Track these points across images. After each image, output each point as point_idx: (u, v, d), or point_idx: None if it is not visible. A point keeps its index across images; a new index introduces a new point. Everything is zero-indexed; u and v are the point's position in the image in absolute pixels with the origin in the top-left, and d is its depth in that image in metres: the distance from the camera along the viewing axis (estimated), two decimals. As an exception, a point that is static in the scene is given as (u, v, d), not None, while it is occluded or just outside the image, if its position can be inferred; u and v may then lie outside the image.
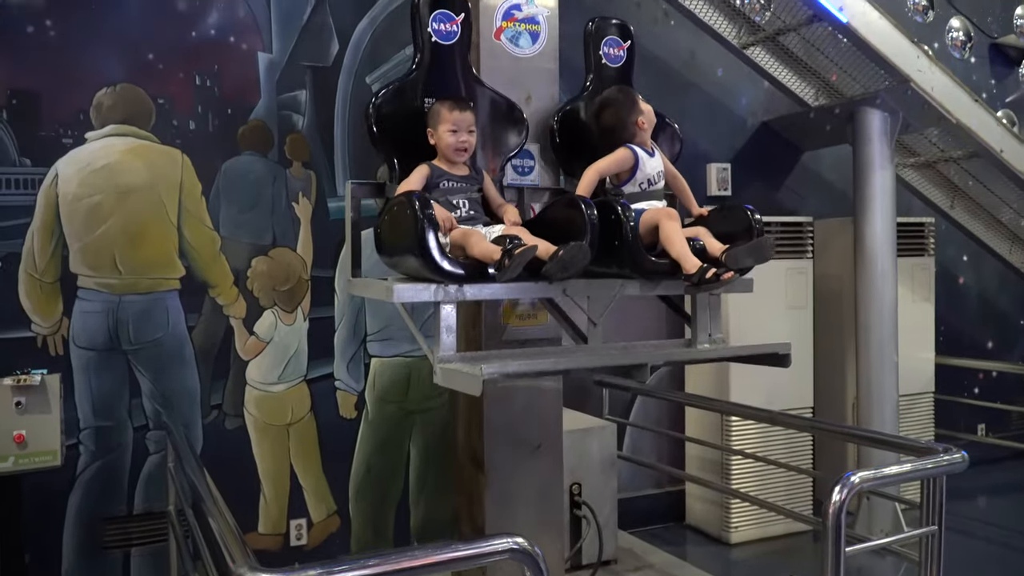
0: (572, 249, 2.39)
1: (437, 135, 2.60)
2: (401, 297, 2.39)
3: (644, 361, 2.60)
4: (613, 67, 3.09)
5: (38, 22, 3.47)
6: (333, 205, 4.07)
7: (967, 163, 5.28)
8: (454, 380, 2.41)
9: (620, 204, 2.56)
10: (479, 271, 2.39)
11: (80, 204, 3.54)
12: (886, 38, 4.32)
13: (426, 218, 2.28)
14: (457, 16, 2.73)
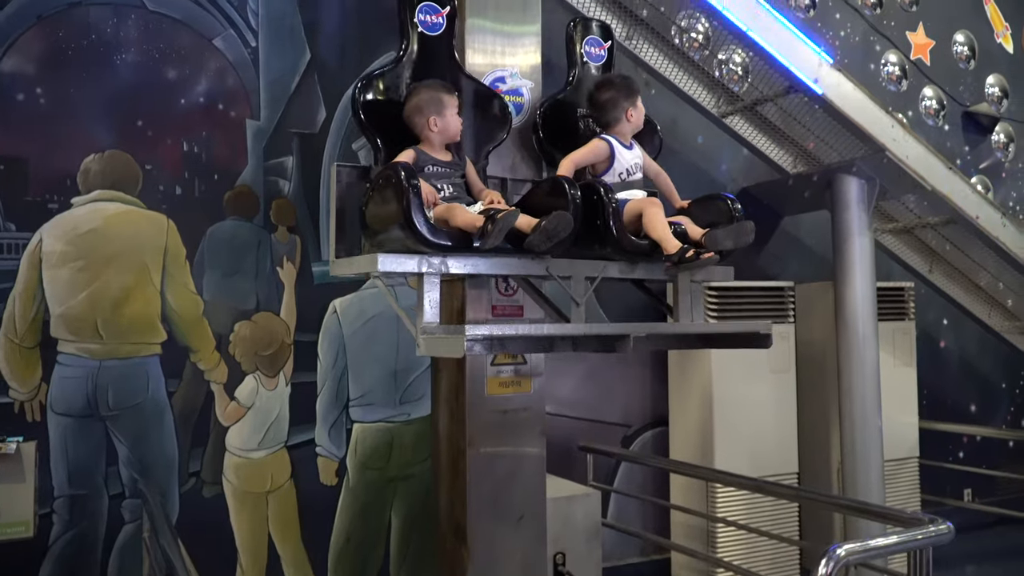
0: (556, 218, 2.42)
1: (443, 120, 2.62)
2: (384, 267, 2.40)
3: (626, 333, 2.58)
4: (595, 65, 3.17)
5: (29, 90, 3.52)
6: (318, 269, 4.08)
7: (944, 229, 5.37)
8: (437, 347, 2.42)
9: (603, 185, 2.62)
10: (463, 243, 2.42)
11: (63, 269, 3.53)
12: (861, 108, 4.43)
13: (411, 187, 2.31)
14: (443, 9, 2.83)
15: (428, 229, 2.36)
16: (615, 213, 2.57)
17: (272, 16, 4.02)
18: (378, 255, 2.39)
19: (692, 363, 4.78)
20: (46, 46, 3.55)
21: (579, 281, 2.74)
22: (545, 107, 3.03)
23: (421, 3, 2.80)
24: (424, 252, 2.40)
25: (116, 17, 3.68)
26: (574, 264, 2.69)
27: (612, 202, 2.57)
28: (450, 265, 2.47)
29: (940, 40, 6.53)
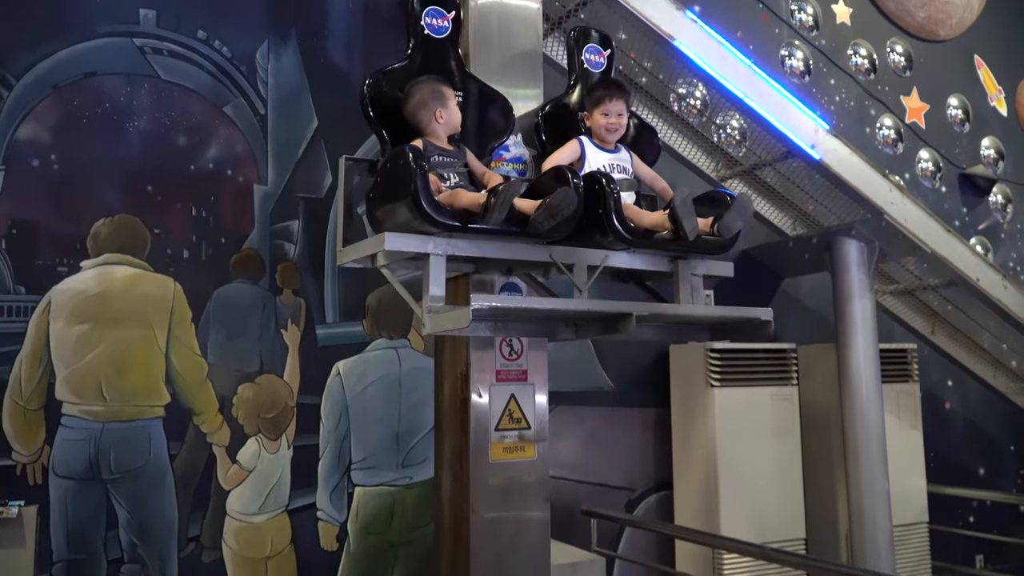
0: (559, 194, 2.46)
1: (448, 111, 2.72)
2: (391, 245, 2.44)
3: (629, 311, 2.60)
4: (595, 71, 3.25)
5: (43, 156, 3.60)
6: (322, 332, 4.10)
7: (945, 291, 5.39)
8: (442, 322, 2.45)
9: (604, 175, 2.67)
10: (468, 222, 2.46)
11: (70, 331, 3.56)
12: (858, 172, 4.51)
13: (419, 167, 2.37)
14: (448, 13, 2.95)
15: (434, 208, 2.40)
16: (616, 201, 2.62)
17: (281, 85, 4.12)
18: (385, 234, 2.45)
19: (695, 425, 4.76)
20: (61, 114, 3.65)
21: (581, 270, 2.78)
22: (546, 110, 3.11)
23: (427, 7, 2.92)
24: (430, 232, 2.45)
25: (130, 86, 3.78)
26: (577, 252, 2.74)
27: (614, 192, 2.62)
28: (456, 246, 2.52)
29: (934, 104, 6.67)
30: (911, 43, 6.62)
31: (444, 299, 2.50)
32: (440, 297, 2.50)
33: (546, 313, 2.63)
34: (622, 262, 2.83)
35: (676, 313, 2.85)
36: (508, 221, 2.50)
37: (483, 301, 2.35)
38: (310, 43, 4.19)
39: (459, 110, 2.76)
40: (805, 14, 6.06)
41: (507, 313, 2.62)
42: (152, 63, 3.84)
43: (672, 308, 2.87)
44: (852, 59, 6.26)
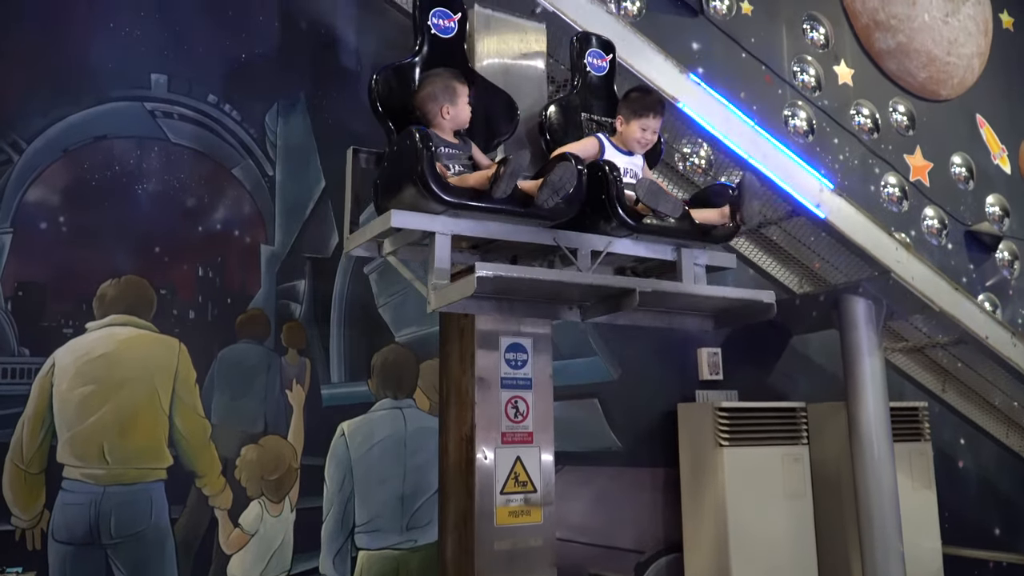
0: (560, 169, 2.51)
1: (455, 108, 2.79)
2: (398, 222, 2.52)
3: (632, 287, 2.66)
4: (597, 75, 3.36)
5: (52, 219, 3.62)
6: (327, 392, 4.07)
7: (955, 349, 5.35)
8: (449, 294, 2.52)
9: (607, 163, 2.77)
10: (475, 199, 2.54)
11: (73, 393, 3.54)
12: (864, 231, 4.51)
13: (426, 146, 2.45)
14: (454, 15, 3.09)
15: (440, 185, 2.47)
16: (618, 188, 2.68)
17: (290, 146, 4.17)
18: (392, 211, 2.53)
19: (705, 486, 4.67)
20: (71, 177, 3.68)
21: (585, 256, 2.82)
22: (550, 109, 3.18)
23: (434, 8, 3.05)
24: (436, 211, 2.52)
25: (140, 149, 3.83)
26: (580, 237, 2.80)
27: (617, 180, 2.69)
28: (461, 226, 2.59)
29: (938, 162, 6.71)
30: (913, 103, 6.70)
31: (449, 278, 2.58)
32: (445, 272, 2.57)
33: (550, 286, 2.65)
34: (625, 248, 2.90)
35: (678, 291, 2.88)
36: (513, 202, 2.57)
37: (488, 270, 2.40)
38: (319, 105, 4.25)
39: (469, 108, 2.83)
40: (807, 75, 6.15)
41: (511, 286, 2.63)
42: (162, 126, 3.89)
43: (674, 286, 2.93)
44: (855, 119, 6.33)
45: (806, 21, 6.28)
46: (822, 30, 6.34)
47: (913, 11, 6.68)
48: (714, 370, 5.23)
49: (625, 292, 2.68)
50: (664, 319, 3.14)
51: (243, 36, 4.13)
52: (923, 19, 6.74)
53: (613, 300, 2.75)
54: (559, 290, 2.76)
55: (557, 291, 2.78)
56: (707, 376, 5.19)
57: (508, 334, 3.06)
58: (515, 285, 2.58)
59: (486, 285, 2.44)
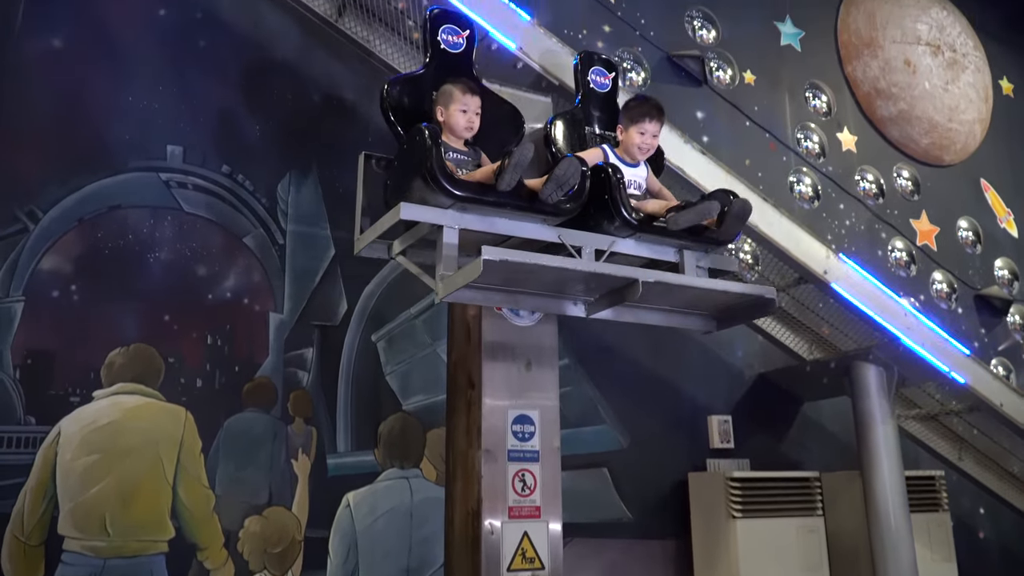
0: (565, 163, 2.60)
1: (447, 112, 2.90)
2: (407, 214, 2.60)
3: (635, 278, 2.71)
4: (601, 92, 3.45)
5: (64, 287, 3.65)
6: (332, 461, 4.03)
7: (969, 416, 5.28)
8: (455, 280, 2.57)
9: (609, 165, 2.86)
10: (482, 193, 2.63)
11: (77, 463, 3.51)
12: (873, 298, 4.50)
13: (435, 143, 2.54)
14: (463, 32, 3.22)
15: (448, 178, 2.56)
16: (620, 188, 2.78)
17: (301, 215, 4.22)
18: (401, 203, 2.61)
19: (718, 559, 4.56)
20: (84, 246, 3.73)
21: (589, 254, 2.86)
22: (556, 123, 3.27)
23: (443, 25, 3.19)
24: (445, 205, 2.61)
25: (153, 219, 3.88)
26: (584, 235, 2.86)
27: (620, 181, 2.78)
28: (466, 220, 2.66)
29: (944, 226, 6.72)
30: (917, 168, 6.75)
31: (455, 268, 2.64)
32: (453, 263, 2.64)
33: (555, 273, 2.68)
34: (628, 248, 2.94)
35: (681, 284, 2.91)
36: (519, 197, 2.66)
37: (495, 254, 2.46)
38: (330, 174, 4.31)
39: (465, 116, 2.91)
40: (811, 142, 6.22)
41: (517, 274, 2.66)
42: (176, 196, 3.95)
43: (677, 278, 2.95)
44: (860, 184, 6.38)
45: (808, 90, 6.38)
46: (824, 98, 6.44)
47: (913, 79, 6.79)
48: (725, 438, 5.16)
49: (629, 283, 2.73)
50: (667, 317, 3.18)
51: (258, 108, 4.22)
52: (924, 87, 6.84)
53: (617, 293, 2.81)
54: (564, 279, 2.79)
55: (562, 280, 2.81)
56: (718, 444, 5.12)
57: (515, 406, 3.04)
58: (521, 272, 2.62)
59: (492, 269, 2.48)
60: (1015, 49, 7.82)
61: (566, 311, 2.97)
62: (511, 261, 2.51)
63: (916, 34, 6.91)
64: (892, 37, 6.77)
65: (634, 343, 4.99)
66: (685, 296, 2.99)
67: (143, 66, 4.00)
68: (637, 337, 5.01)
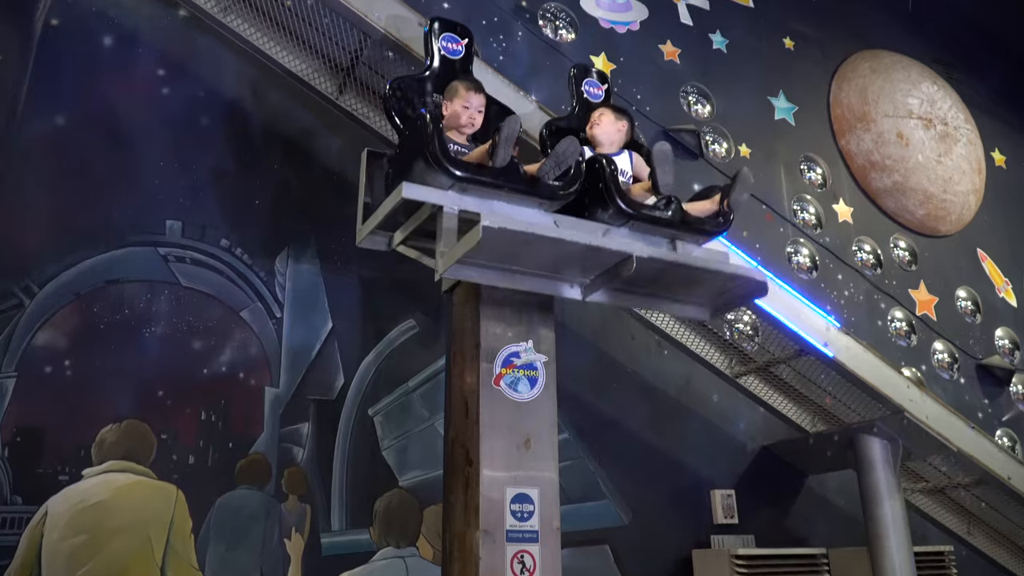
0: (565, 142, 2.68)
1: (451, 107, 3.00)
2: (408, 194, 2.69)
3: (630, 252, 2.76)
4: (594, 102, 3.58)
5: (57, 363, 3.61)
6: (326, 540, 3.92)
7: (976, 489, 5.18)
8: (455, 252, 2.61)
9: (604, 156, 2.96)
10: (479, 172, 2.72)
11: (63, 544, 3.41)
12: (874, 370, 4.46)
13: (435, 123, 2.63)
14: (462, 40, 3.40)
15: (448, 158, 2.64)
16: (615, 179, 2.85)
17: (298, 289, 4.21)
18: (403, 183, 2.69)
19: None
20: (80, 321, 3.70)
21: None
22: (550, 129, 3.40)
23: (444, 32, 3.36)
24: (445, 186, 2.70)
25: (150, 293, 3.87)
26: (580, 222, 2.91)
27: (614, 173, 2.85)
28: (466, 201, 2.74)
29: (943, 296, 6.72)
30: (914, 239, 6.79)
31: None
32: (452, 236, 2.70)
33: (552, 246, 2.71)
34: (622, 236, 2.99)
35: (674, 260, 2.95)
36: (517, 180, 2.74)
37: (492, 220, 2.52)
38: (328, 248, 4.32)
39: (467, 112, 3.01)
40: (808, 213, 6.27)
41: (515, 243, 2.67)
42: (174, 270, 3.95)
43: (671, 255, 3.01)
44: (857, 255, 6.40)
45: (803, 162, 6.47)
46: (819, 170, 6.52)
47: (906, 152, 6.89)
48: (729, 513, 5.05)
49: (623, 259, 2.77)
50: (662, 304, 3.24)
51: (257, 183, 4.26)
52: (917, 159, 6.93)
53: (612, 271, 2.85)
54: (560, 255, 2.81)
55: (558, 257, 2.83)
56: (722, 520, 5.00)
57: (514, 483, 2.97)
58: (518, 243, 2.64)
59: (492, 237, 2.50)
60: (1005, 122, 7.97)
61: (562, 293, 3.03)
62: (509, 229, 2.56)
63: (908, 108, 7.05)
64: (884, 111, 6.89)
65: (635, 416, 4.94)
66: (679, 277, 3.04)
67: (145, 143, 4.04)
68: (638, 410, 4.95)
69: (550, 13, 5.60)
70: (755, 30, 6.59)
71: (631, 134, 3.42)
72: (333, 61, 3.99)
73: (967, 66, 7.87)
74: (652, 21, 6.00)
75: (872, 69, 7.06)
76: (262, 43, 4.02)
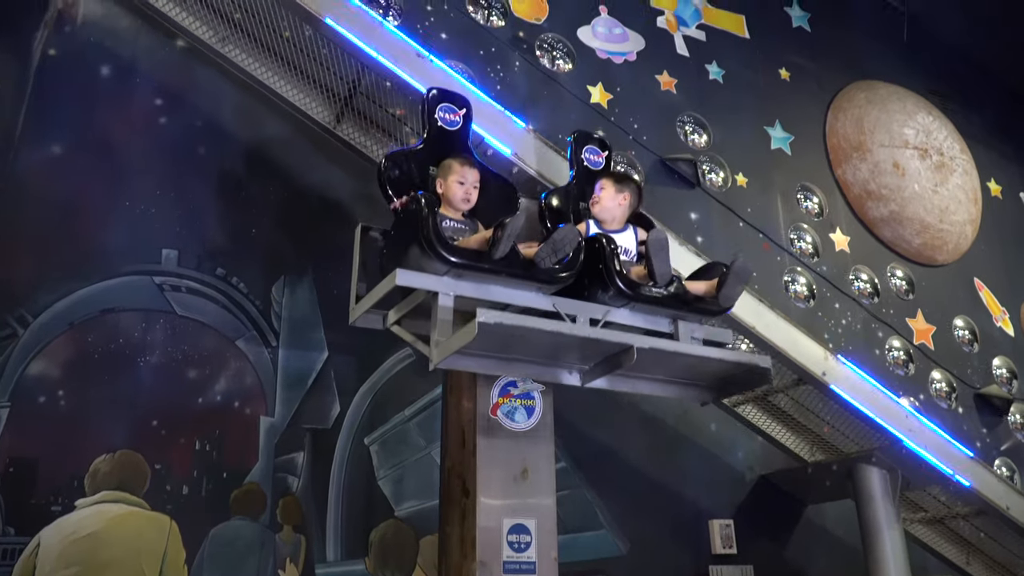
0: (563, 230, 2.63)
1: (446, 184, 2.95)
2: (403, 280, 2.62)
3: (630, 344, 2.70)
4: (594, 170, 3.51)
5: (51, 392, 3.60)
6: (321, 572, 3.89)
7: (976, 519, 5.15)
8: (450, 345, 2.55)
9: (605, 236, 2.88)
10: (477, 260, 2.64)
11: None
12: (872, 399, 4.45)
13: (430, 209, 2.57)
14: (460, 110, 3.29)
15: (444, 245, 2.58)
16: (615, 259, 2.80)
17: (294, 317, 4.20)
18: (397, 270, 2.62)
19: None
20: (74, 351, 3.69)
21: (584, 323, 2.83)
22: (550, 196, 3.34)
23: (440, 103, 3.25)
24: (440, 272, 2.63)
25: (145, 322, 3.86)
26: (579, 304, 2.84)
27: (614, 251, 2.81)
28: (462, 287, 2.67)
29: (940, 325, 6.71)
30: (911, 268, 6.79)
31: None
32: (448, 329, 2.63)
33: (550, 338, 2.66)
34: (623, 318, 2.93)
35: (675, 351, 2.89)
36: (514, 265, 2.68)
37: (490, 316, 2.45)
38: (325, 277, 4.31)
39: (463, 188, 2.96)
40: (804, 242, 6.27)
41: (512, 339, 2.64)
42: (169, 299, 3.94)
43: (671, 345, 2.93)
44: (854, 284, 6.39)
45: (799, 192, 6.48)
46: (816, 199, 6.53)
47: (903, 182, 6.91)
48: (727, 543, 5.00)
49: (624, 349, 2.71)
50: (663, 387, 3.15)
51: (254, 211, 4.26)
52: (913, 189, 6.96)
53: (612, 359, 2.79)
54: (559, 346, 2.77)
55: (557, 347, 2.78)
56: (720, 550, 4.96)
57: (511, 513, 2.94)
58: (515, 336, 2.60)
59: (487, 333, 2.45)
60: (1000, 153, 8.02)
61: (561, 379, 2.97)
62: (506, 324, 2.52)
63: (904, 138, 7.08)
64: (880, 141, 6.93)
65: (633, 445, 4.91)
66: (680, 364, 3.00)
67: (141, 172, 4.05)
68: (636, 439, 4.92)
69: (547, 43, 5.64)
70: (751, 61, 6.64)
71: (636, 202, 3.30)
72: (331, 91, 4.02)
73: (962, 97, 7.92)
74: (649, 52, 6.05)
75: (868, 99, 7.11)
76: (260, 73, 4.05)
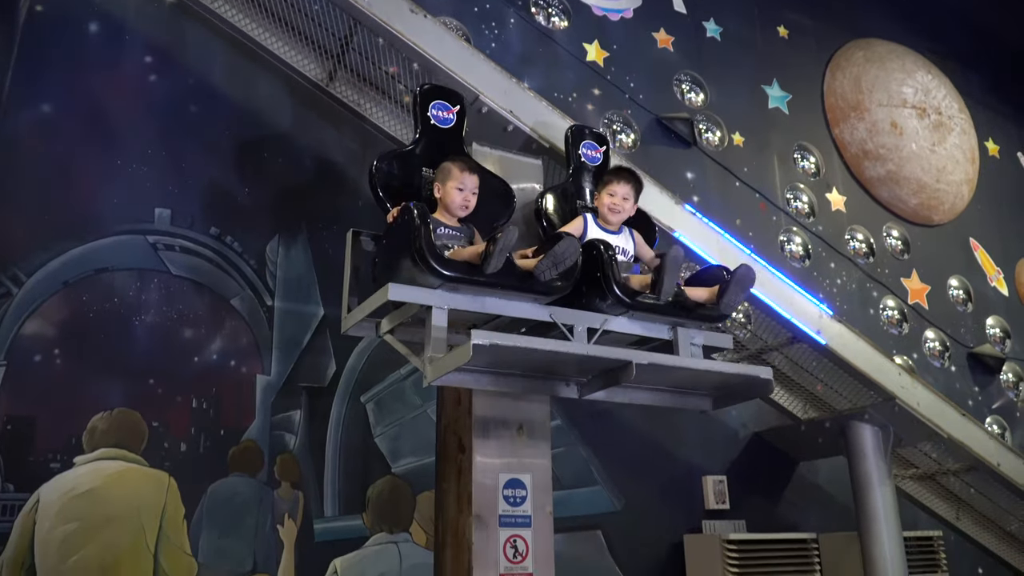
0: (564, 243, 2.56)
1: (444, 189, 2.87)
2: (395, 295, 2.55)
3: (629, 359, 2.64)
4: (592, 165, 3.45)
5: (47, 351, 3.60)
6: (319, 527, 3.93)
7: (966, 475, 5.21)
8: (444, 364, 2.48)
9: (601, 242, 2.82)
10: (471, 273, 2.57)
11: (56, 532, 3.41)
12: (866, 357, 4.47)
13: (424, 223, 2.50)
14: (453, 107, 3.20)
15: (436, 258, 2.51)
16: (614, 267, 2.75)
17: (289, 277, 4.20)
18: (389, 284, 2.55)
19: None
20: (69, 310, 3.68)
21: (582, 333, 2.80)
22: (546, 197, 3.26)
23: (434, 100, 3.16)
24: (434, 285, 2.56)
25: (140, 281, 3.85)
26: (576, 314, 2.80)
27: (612, 259, 2.76)
28: (455, 300, 2.60)
29: (935, 285, 6.74)
30: (907, 228, 6.80)
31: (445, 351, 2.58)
32: (442, 345, 2.57)
33: (547, 356, 2.63)
34: (622, 326, 2.89)
35: (675, 365, 2.85)
36: (509, 277, 2.61)
37: (484, 338, 2.40)
38: (319, 236, 4.31)
39: (462, 195, 2.88)
40: (801, 202, 6.27)
41: (508, 357, 2.60)
42: (163, 259, 3.93)
43: (671, 360, 2.88)
44: (850, 243, 6.41)
45: (797, 151, 6.46)
46: (812, 159, 6.52)
47: (900, 142, 6.89)
48: (720, 499, 5.07)
49: (622, 365, 2.67)
50: (662, 397, 3.10)
51: (247, 171, 4.24)
52: (911, 148, 6.94)
53: (610, 374, 2.74)
54: (556, 362, 2.72)
55: (554, 363, 2.74)
56: (713, 505, 5.03)
57: (507, 470, 2.97)
58: (511, 355, 2.55)
59: (482, 353, 2.41)
60: (998, 112, 7.98)
61: (559, 393, 2.92)
62: (502, 345, 2.45)
63: (902, 97, 7.04)
64: (878, 100, 6.89)
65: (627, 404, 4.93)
66: (680, 376, 2.94)
67: (132, 131, 4.01)
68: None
69: (543, 0, 5.58)
70: (749, 18, 6.58)
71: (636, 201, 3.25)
72: (323, 48, 3.97)
73: (960, 56, 7.87)
74: (645, 9, 5.98)
75: (866, 58, 7.05)
76: (251, 29, 3.99)
